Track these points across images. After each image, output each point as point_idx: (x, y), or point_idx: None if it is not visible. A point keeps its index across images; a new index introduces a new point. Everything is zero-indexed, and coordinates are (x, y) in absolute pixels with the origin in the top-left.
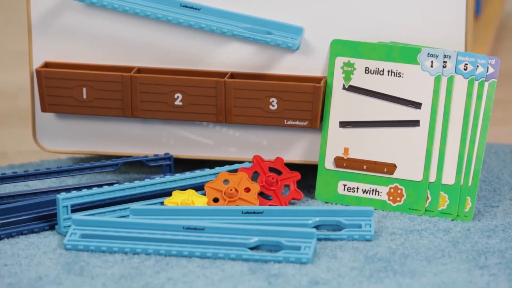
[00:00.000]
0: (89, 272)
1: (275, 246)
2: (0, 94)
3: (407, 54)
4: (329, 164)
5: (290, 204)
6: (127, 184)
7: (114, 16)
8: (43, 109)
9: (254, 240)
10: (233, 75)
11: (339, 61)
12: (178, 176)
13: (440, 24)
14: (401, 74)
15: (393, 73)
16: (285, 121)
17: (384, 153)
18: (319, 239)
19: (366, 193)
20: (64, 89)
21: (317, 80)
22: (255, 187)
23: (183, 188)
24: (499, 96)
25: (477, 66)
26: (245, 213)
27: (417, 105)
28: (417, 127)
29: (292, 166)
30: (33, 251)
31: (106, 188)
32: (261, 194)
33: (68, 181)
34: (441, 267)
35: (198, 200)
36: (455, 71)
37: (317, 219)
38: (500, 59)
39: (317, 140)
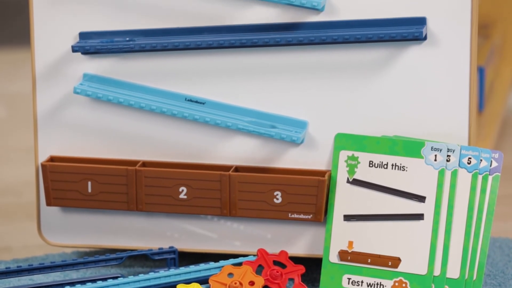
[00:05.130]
0: None
1: None
2: (6, 189)
3: (411, 148)
4: (333, 257)
5: None
6: (131, 278)
7: (119, 110)
8: (48, 203)
9: None
10: (237, 169)
11: (343, 154)
12: (182, 269)
13: (443, 119)
14: (405, 168)
15: (397, 167)
16: (290, 214)
17: (388, 247)
18: None
19: (371, 286)
20: (69, 183)
21: (321, 173)
22: (260, 281)
23: (188, 282)
24: (502, 191)
25: (481, 160)
26: None
27: (421, 199)
28: (421, 221)
29: (296, 260)
30: None
31: (110, 281)
32: (265, 287)
33: (73, 275)
34: None
35: None
36: (459, 165)
37: None
38: (504, 154)
39: (321, 233)
